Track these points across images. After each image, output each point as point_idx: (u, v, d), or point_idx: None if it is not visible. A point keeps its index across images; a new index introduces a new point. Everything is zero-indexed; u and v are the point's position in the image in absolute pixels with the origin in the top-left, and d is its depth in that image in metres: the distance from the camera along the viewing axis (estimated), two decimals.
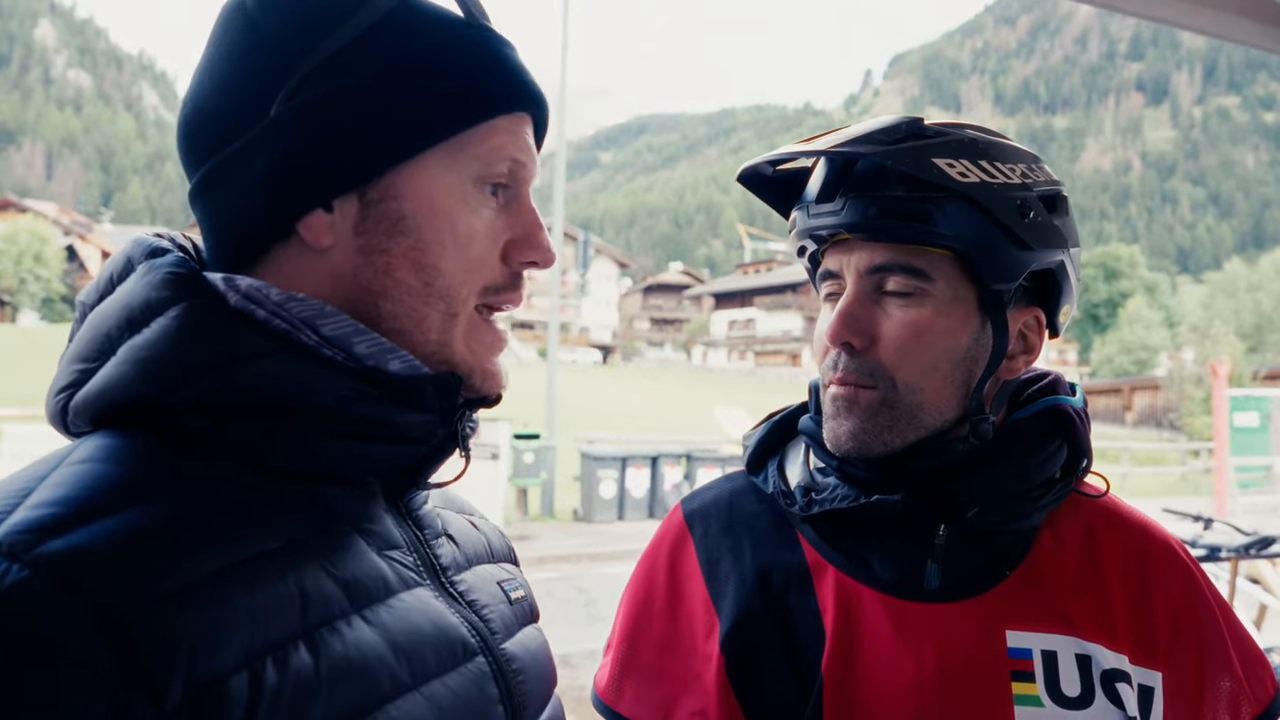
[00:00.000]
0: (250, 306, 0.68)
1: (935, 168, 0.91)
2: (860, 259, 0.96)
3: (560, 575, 9.82)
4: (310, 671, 0.59)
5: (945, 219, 0.91)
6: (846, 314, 0.95)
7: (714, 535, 1.06)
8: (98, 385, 0.66)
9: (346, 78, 0.69)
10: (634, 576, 1.10)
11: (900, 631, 0.94)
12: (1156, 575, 0.99)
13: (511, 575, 0.88)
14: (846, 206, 0.94)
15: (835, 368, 0.97)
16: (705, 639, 1.00)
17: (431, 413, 0.72)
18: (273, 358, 0.66)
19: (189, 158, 0.73)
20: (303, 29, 0.70)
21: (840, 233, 0.96)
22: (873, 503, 0.96)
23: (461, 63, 0.72)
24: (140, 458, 0.63)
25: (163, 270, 0.68)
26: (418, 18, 0.72)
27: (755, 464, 1.10)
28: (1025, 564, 0.98)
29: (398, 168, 0.70)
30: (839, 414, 0.97)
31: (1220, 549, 4.69)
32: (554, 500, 13.23)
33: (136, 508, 0.58)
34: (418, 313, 0.72)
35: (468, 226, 0.73)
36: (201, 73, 0.73)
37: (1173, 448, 25.14)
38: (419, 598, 0.71)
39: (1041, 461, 0.97)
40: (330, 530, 0.67)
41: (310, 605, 0.62)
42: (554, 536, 11.68)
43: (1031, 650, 0.92)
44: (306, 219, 0.70)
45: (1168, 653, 0.96)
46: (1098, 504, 1.05)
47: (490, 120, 0.73)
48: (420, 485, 0.77)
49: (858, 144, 0.93)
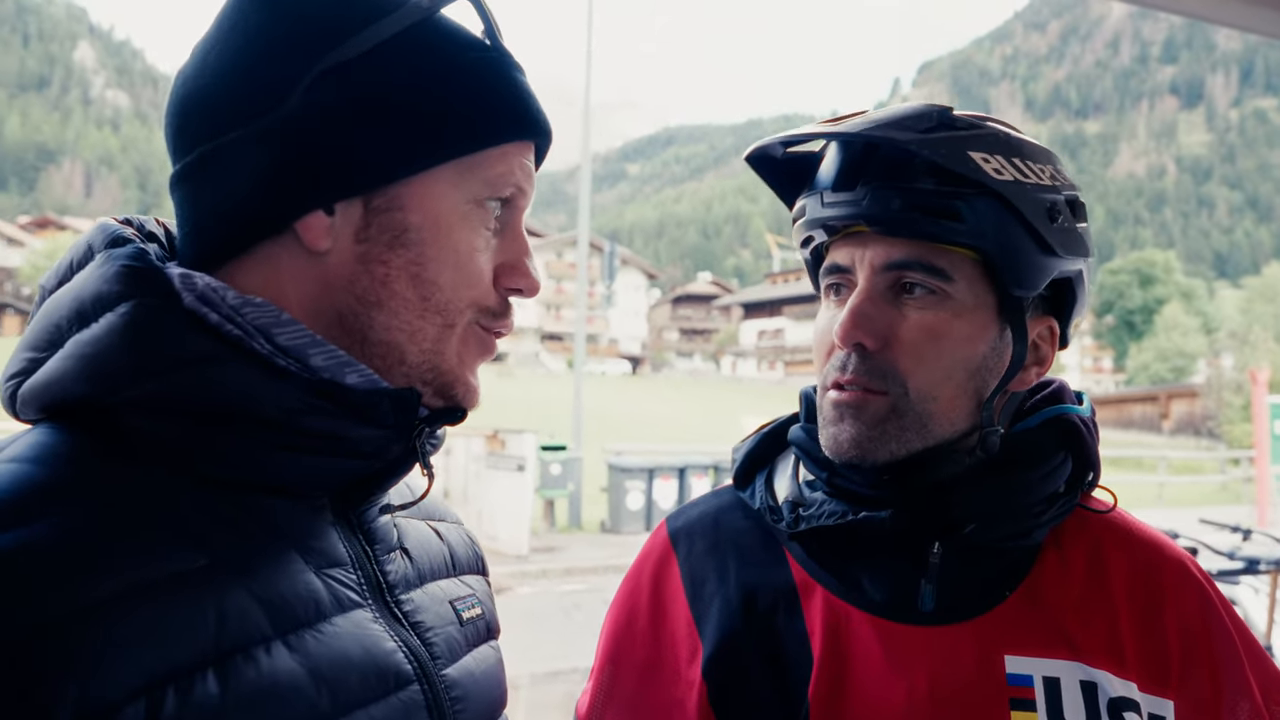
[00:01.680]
0: (203, 309, 0.66)
1: (971, 161, 0.85)
2: (876, 254, 0.89)
3: (587, 587, 9.77)
4: (215, 700, 0.57)
5: (974, 216, 0.85)
6: (859, 312, 0.88)
7: (698, 554, 1.01)
8: (43, 378, 0.65)
9: (367, 83, 0.68)
10: (617, 597, 1.05)
11: (891, 655, 0.89)
12: (1167, 595, 0.93)
13: (470, 591, 0.85)
14: (868, 197, 0.87)
15: (844, 369, 0.90)
16: (688, 664, 0.95)
17: (387, 428, 0.70)
18: (220, 364, 0.64)
19: (180, 137, 0.70)
20: (326, 26, 0.68)
21: (857, 224, 0.89)
22: (860, 520, 0.90)
23: (481, 84, 0.72)
24: (68, 461, 0.61)
25: (118, 262, 0.65)
26: (441, 34, 0.71)
27: (743, 478, 1.04)
28: (1026, 584, 0.92)
29: (407, 179, 0.70)
30: (842, 418, 0.90)
31: (1259, 561, 4.54)
32: (581, 512, 13.21)
33: (50, 518, 0.57)
34: (411, 325, 0.71)
35: (468, 245, 0.72)
36: (207, 52, 0.70)
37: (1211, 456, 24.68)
38: (354, 621, 0.69)
39: (1045, 475, 0.92)
40: (265, 547, 0.65)
41: (226, 628, 0.60)
42: (581, 548, 11.65)
43: (1032, 677, 0.87)
44: (306, 219, 0.68)
45: (1180, 679, 0.90)
46: (1105, 520, 0.98)
47: (502, 145, 0.73)
48: (375, 502, 0.76)
49: (887, 129, 0.86)
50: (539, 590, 9.84)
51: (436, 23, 0.71)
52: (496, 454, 11.52)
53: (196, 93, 0.69)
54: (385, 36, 0.69)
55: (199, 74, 0.70)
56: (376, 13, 0.69)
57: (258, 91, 0.67)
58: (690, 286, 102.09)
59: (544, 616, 8.68)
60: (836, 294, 0.94)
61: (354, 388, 0.69)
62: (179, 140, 0.70)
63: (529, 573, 10.36)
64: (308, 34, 0.68)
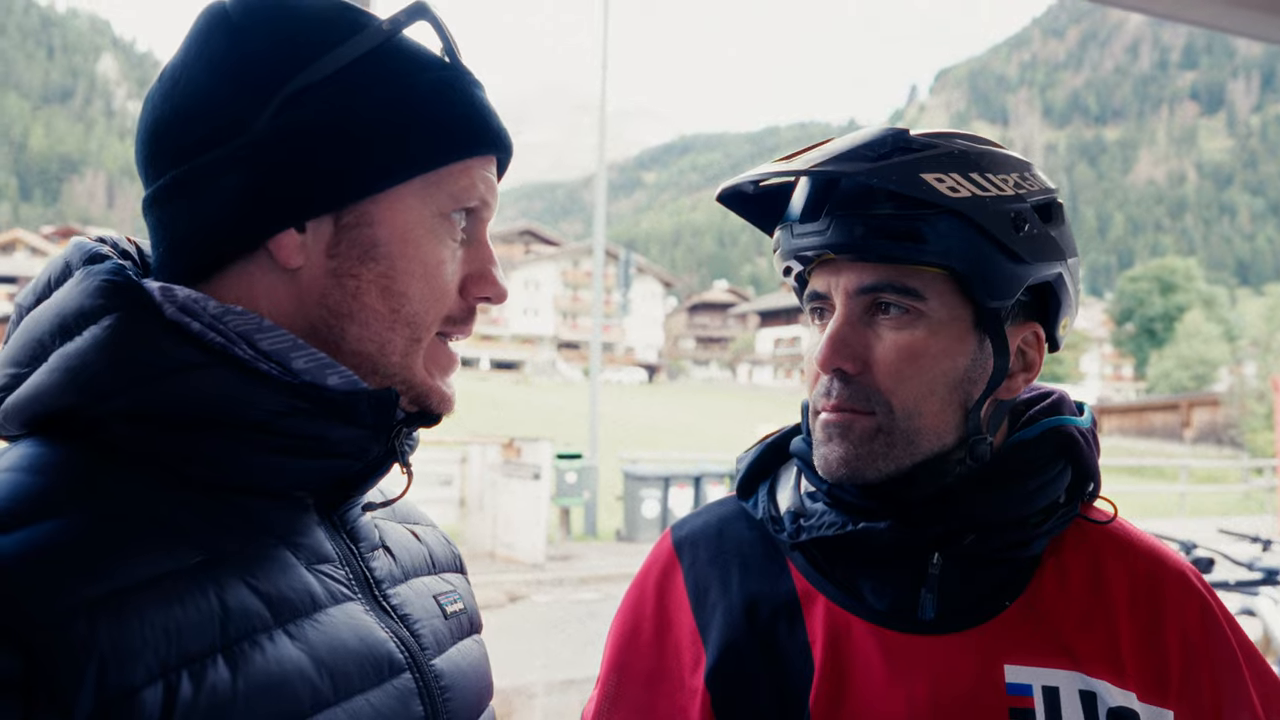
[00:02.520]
0: (185, 319, 0.68)
1: (924, 184, 0.87)
2: (849, 280, 0.92)
3: (603, 596, 9.77)
4: (227, 685, 0.60)
5: (936, 236, 0.87)
6: (837, 338, 0.91)
7: (702, 563, 1.02)
8: (28, 391, 0.66)
9: (333, 105, 0.70)
10: (622, 607, 1.06)
11: (892, 664, 0.90)
12: (1168, 605, 0.94)
13: (452, 587, 0.88)
14: (832, 226, 0.90)
15: (829, 394, 0.93)
16: (691, 672, 0.96)
17: (366, 428, 0.72)
18: (205, 371, 0.66)
19: (154, 162, 0.72)
20: (291, 51, 0.70)
21: (826, 253, 0.92)
22: (859, 530, 0.92)
23: (443, 103, 0.74)
24: (62, 468, 0.63)
25: (99, 278, 0.67)
26: (402, 55, 0.74)
27: (746, 488, 1.06)
28: (1026, 594, 0.93)
29: (375, 196, 0.72)
30: (830, 439, 0.92)
31: (1279, 572, 4.49)
32: (597, 520, 13.21)
33: (54, 520, 0.59)
34: (381, 337, 0.74)
35: (436, 257, 0.75)
36: (176, 78, 0.72)
37: (1234, 465, 24.39)
38: (347, 612, 0.71)
39: (1043, 485, 0.93)
40: (257, 544, 0.68)
41: (231, 619, 0.62)
42: (597, 556, 11.65)
43: (1032, 686, 0.88)
44: (278, 237, 0.70)
45: (1180, 689, 0.91)
46: (1106, 530, 0.99)
47: (464, 160, 0.76)
48: (356, 502, 0.78)
49: (840, 161, 0.89)
50: (555, 599, 9.85)
51: (397, 44, 0.74)
52: (512, 462, 11.54)
53: (167, 117, 0.71)
54: (349, 60, 0.71)
55: (168, 99, 0.72)
56: (340, 37, 0.71)
57: (227, 116, 0.69)
58: (706, 294, 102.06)
59: (560, 625, 8.69)
60: (820, 318, 0.96)
61: (334, 389, 0.71)
62: (151, 164, 0.72)
63: (545, 581, 10.36)
64: (274, 59, 0.70)
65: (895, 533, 0.91)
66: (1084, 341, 65.80)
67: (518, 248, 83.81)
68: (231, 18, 0.72)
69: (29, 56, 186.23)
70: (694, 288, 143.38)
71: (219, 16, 0.73)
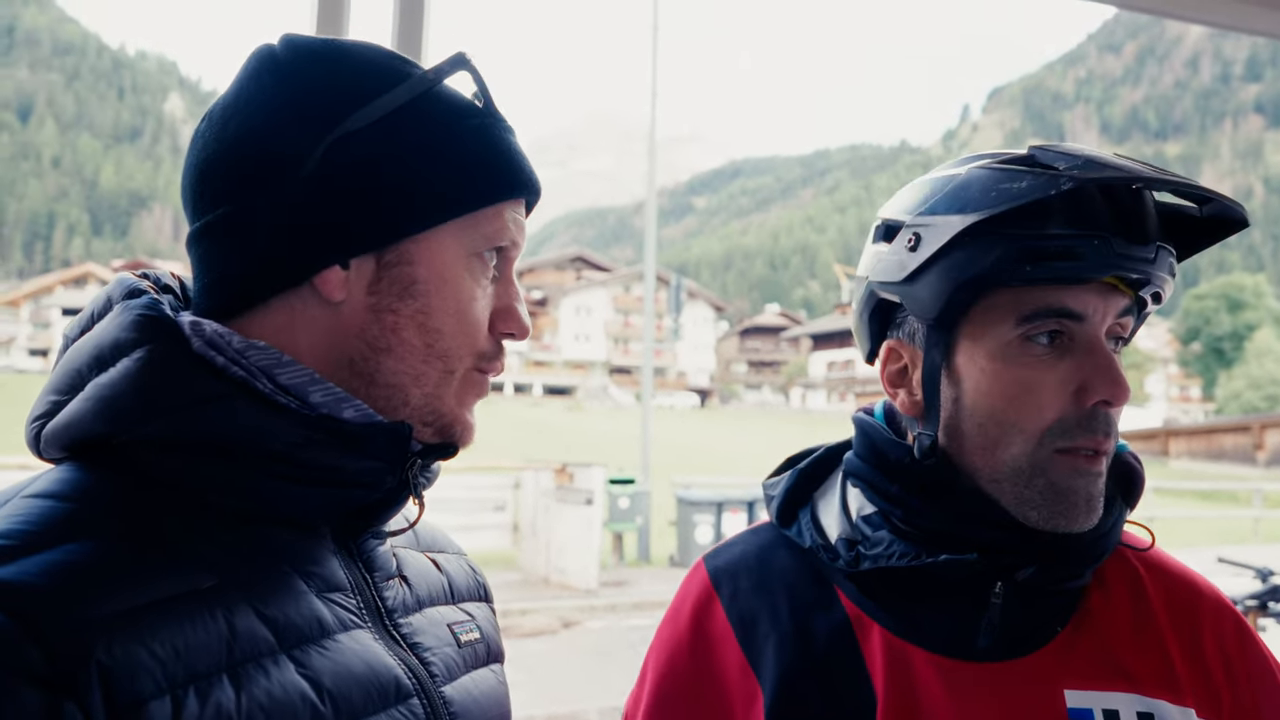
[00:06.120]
0: (211, 353, 0.71)
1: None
2: (1113, 304, 0.88)
3: (656, 622, 9.67)
4: (231, 704, 0.62)
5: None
6: (1117, 367, 0.88)
7: (745, 594, 0.99)
8: (65, 419, 0.71)
9: (379, 149, 0.74)
10: (654, 646, 1.03)
11: (954, 694, 0.88)
12: (1205, 626, 0.95)
13: (469, 616, 0.89)
14: (1158, 255, 0.86)
15: (1107, 431, 0.88)
16: (745, 708, 0.93)
17: (381, 460, 0.75)
18: (227, 402, 0.70)
19: (202, 199, 0.76)
20: (341, 95, 0.74)
21: (1147, 279, 0.87)
22: (942, 563, 0.89)
23: (480, 148, 0.78)
24: (92, 493, 0.67)
25: (134, 312, 0.71)
26: (444, 103, 0.78)
27: (785, 515, 1.04)
28: (1075, 620, 0.93)
29: (415, 236, 0.76)
30: (1092, 485, 0.88)
31: None
32: (650, 545, 13.16)
33: (76, 543, 0.62)
34: (416, 370, 0.77)
35: (469, 295, 0.78)
36: (227, 119, 0.76)
37: None
38: (356, 639, 0.73)
39: (1119, 518, 0.94)
40: (270, 571, 0.70)
41: (238, 642, 0.65)
42: (650, 582, 11.59)
43: (1093, 710, 0.87)
44: (324, 273, 0.74)
45: (1231, 704, 0.92)
46: (1142, 556, 1.00)
47: (498, 204, 0.79)
48: (374, 531, 0.80)
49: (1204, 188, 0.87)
50: (607, 625, 9.82)
51: (439, 92, 0.78)
52: (565, 488, 11.57)
53: (218, 155, 0.75)
54: (395, 105, 0.75)
55: (219, 139, 0.75)
56: (387, 83, 0.75)
57: (278, 157, 0.73)
58: (758, 319, 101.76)
59: (612, 651, 8.65)
60: (1050, 341, 0.88)
61: (349, 421, 0.74)
62: (199, 200, 0.76)
63: (597, 607, 10.34)
64: (325, 102, 0.74)
65: (981, 566, 0.89)
66: (1148, 362, 64.07)
67: (569, 274, 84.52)
68: (280, 60, 0.76)
69: (101, 98, 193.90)
70: (745, 312, 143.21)
71: (269, 59, 0.76)
